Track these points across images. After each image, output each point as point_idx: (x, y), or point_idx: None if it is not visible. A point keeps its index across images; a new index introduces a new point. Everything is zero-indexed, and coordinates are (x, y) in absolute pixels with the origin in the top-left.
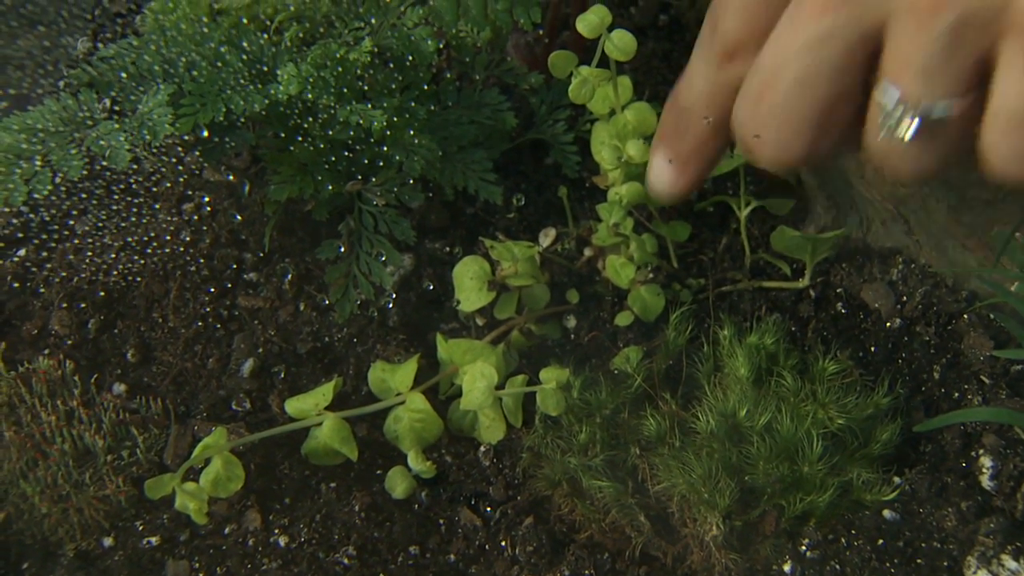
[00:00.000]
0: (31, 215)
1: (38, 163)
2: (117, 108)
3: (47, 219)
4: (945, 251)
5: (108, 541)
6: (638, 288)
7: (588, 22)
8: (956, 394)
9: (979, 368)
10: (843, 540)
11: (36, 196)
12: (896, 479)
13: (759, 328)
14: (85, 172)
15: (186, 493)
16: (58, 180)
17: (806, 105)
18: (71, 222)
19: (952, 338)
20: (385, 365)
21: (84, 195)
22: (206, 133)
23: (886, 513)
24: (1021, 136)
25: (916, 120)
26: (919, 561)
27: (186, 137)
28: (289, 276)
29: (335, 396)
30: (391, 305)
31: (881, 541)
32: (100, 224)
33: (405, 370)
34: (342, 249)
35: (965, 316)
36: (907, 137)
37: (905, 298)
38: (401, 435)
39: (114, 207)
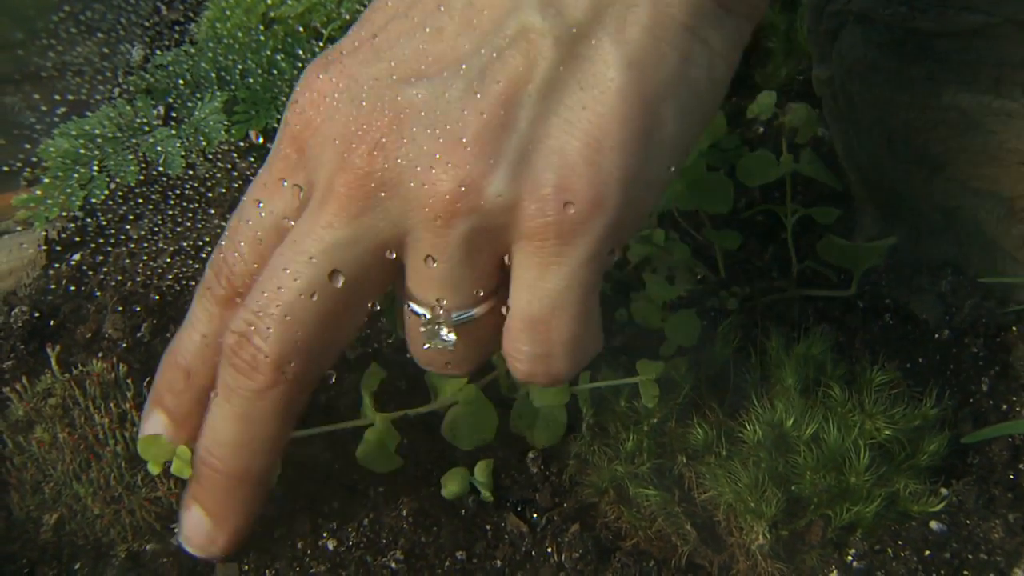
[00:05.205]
0: (88, 220)
1: (95, 168)
2: (174, 115)
3: (103, 224)
4: (994, 263)
5: (159, 543)
6: (671, 318)
7: None
8: (1004, 406)
9: None
10: (890, 551)
11: (93, 201)
12: (943, 490)
13: (807, 338)
14: (142, 177)
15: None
16: (113, 186)
17: (311, 318)
18: (127, 227)
19: (1001, 350)
20: None
21: (140, 200)
22: (261, 140)
23: (933, 524)
24: (534, 338)
25: (449, 328)
26: (966, 573)
27: (242, 144)
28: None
29: (382, 394)
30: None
31: (928, 552)
32: (154, 229)
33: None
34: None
35: (1014, 328)
36: (448, 343)
37: (954, 309)
38: (459, 435)
39: (168, 212)
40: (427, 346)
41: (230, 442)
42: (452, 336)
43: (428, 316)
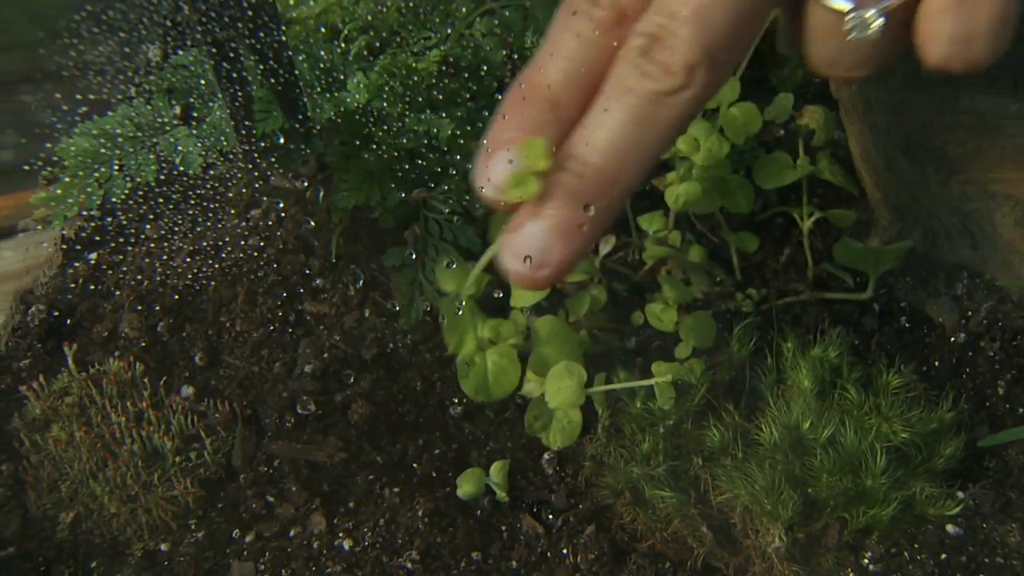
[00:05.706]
0: (106, 219)
1: (115, 167)
2: (194, 114)
3: (122, 223)
4: (1011, 266)
5: (175, 541)
6: (686, 319)
7: None
8: (1021, 410)
9: None
10: (906, 554)
11: (112, 200)
12: (960, 494)
13: (823, 341)
14: (161, 177)
15: None
16: (132, 185)
17: (724, 22)
18: (145, 226)
19: (1017, 353)
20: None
21: (158, 200)
22: (282, 140)
23: (949, 528)
24: (958, 18)
25: (870, 19)
26: None
27: (262, 143)
28: (360, 283)
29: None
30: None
31: (944, 556)
32: (173, 228)
33: (500, 324)
34: (414, 256)
35: None
36: (870, 33)
37: (970, 313)
38: (469, 381)
39: (187, 212)
40: (847, 39)
41: (611, 146)
42: (873, 28)
43: (849, 8)
